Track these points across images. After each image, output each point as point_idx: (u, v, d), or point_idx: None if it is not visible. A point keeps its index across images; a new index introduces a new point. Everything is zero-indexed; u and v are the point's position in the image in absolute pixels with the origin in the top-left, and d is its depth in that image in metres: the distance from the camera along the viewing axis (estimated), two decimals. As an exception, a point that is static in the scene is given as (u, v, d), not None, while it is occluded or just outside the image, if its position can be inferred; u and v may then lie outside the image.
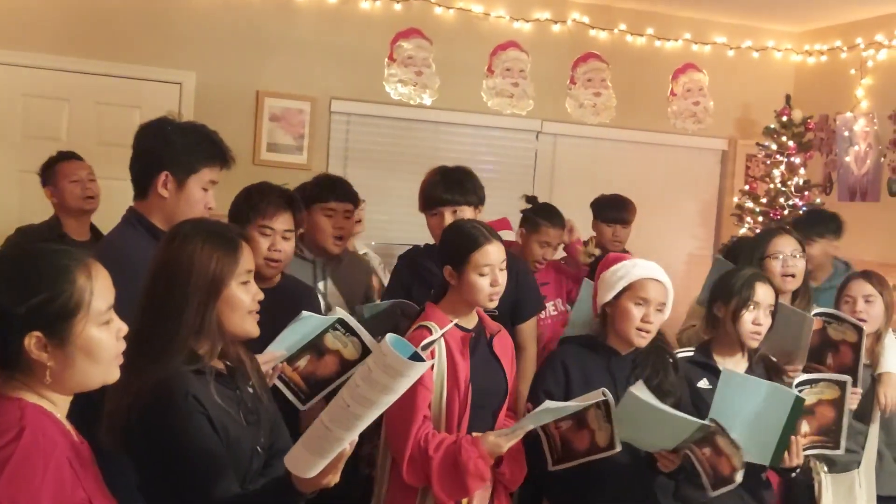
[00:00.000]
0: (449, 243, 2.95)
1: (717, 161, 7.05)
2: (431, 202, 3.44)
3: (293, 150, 5.99)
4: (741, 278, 3.20)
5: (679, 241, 6.76)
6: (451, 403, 2.78)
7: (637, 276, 2.98)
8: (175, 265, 2.07)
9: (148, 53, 5.66)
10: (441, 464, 2.68)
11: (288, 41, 5.93)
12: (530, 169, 6.58)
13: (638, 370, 2.99)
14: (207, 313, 2.06)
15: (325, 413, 1.80)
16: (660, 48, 6.72)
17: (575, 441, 2.80)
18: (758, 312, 3.15)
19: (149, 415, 1.97)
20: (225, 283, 2.09)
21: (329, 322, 2.82)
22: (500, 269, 2.84)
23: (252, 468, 2.10)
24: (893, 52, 6.14)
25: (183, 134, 2.72)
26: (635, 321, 2.95)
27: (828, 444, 3.14)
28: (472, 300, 2.85)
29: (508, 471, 2.85)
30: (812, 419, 3.11)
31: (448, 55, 6.19)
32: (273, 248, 3.06)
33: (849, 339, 3.36)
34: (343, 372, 2.84)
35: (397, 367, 1.72)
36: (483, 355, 2.90)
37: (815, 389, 3.11)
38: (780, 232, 3.80)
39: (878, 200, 6.14)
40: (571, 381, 2.98)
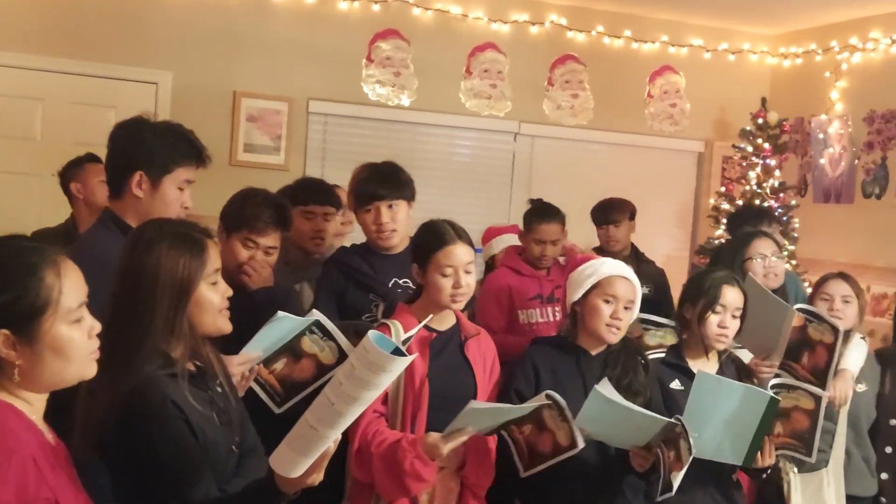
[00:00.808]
0: (418, 241, 2.96)
1: (694, 163, 7.10)
2: (365, 198, 3.35)
3: (270, 151, 5.97)
4: (710, 280, 3.22)
5: (656, 242, 6.77)
6: (405, 401, 2.78)
7: (605, 273, 3.00)
8: (140, 271, 2.04)
9: (124, 53, 5.62)
10: (380, 461, 2.68)
11: (265, 41, 5.91)
12: (508, 170, 6.59)
13: (608, 370, 3.00)
14: (178, 318, 2.04)
15: (309, 412, 1.80)
16: (637, 50, 6.75)
17: (539, 445, 2.80)
18: (724, 315, 3.15)
19: (126, 422, 1.95)
20: (193, 287, 2.07)
21: (306, 324, 2.80)
22: (465, 270, 2.83)
23: (228, 468, 2.09)
24: (867, 55, 6.20)
25: (157, 133, 2.70)
26: (605, 318, 2.97)
27: (800, 448, 3.16)
28: (436, 300, 2.84)
29: (472, 474, 2.83)
30: (787, 422, 3.12)
31: (426, 56, 6.19)
32: (252, 260, 3.05)
33: (826, 341, 3.38)
34: (320, 376, 2.82)
35: (380, 363, 1.73)
36: (450, 357, 2.89)
37: (791, 395, 3.12)
38: (758, 235, 3.88)
39: (852, 202, 6.20)
40: (541, 381, 2.99)
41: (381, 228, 3.31)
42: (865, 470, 3.69)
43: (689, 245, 6.99)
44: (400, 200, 3.35)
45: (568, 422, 2.73)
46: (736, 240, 4.05)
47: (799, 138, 6.69)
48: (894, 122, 5.92)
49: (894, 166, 5.91)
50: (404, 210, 3.35)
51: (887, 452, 3.68)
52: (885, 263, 5.80)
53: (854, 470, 3.64)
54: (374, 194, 3.34)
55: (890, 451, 3.68)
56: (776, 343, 3.35)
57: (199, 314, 2.09)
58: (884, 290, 5.80)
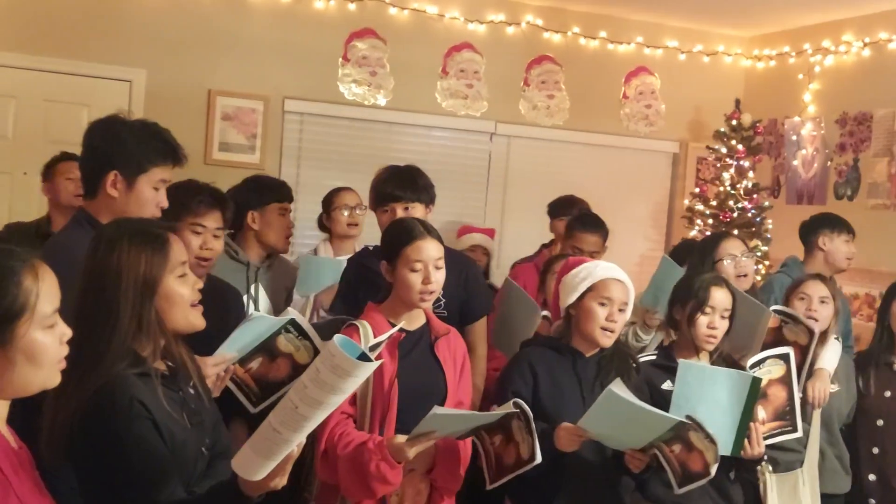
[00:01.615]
0: (386, 238, 2.95)
1: (669, 163, 7.14)
2: (383, 198, 3.41)
3: (246, 150, 5.94)
4: (699, 282, 3.25)
5: (631, 242, 6.82)
6: (374, 402, 2.76)
7: (600, 276, 3.00)
8: (103, 272, 2.03)
9: (97, 50, 5.57)
10: (346, 463, 2.65)
11: (240, 40, 5.88)
12: (484, 170, 6.60)
13: (602, 373, 3.01)
14: (144, 314, 2.02)
15: (272, 415, 1.78)
16: (612, 51, 6.78)
17: (504, 456, 2.78)
18: (713, 316, 3.18)
19: (92, 422, 1.93)
20: (158, 282, 2.05)
21: (281, 323, 2.79)
22: (434, 266, 2.80)
23: (197, 470, 2.07)
24: (840, 57, 6.26)
25: (133, 132, 2.67)
26: (600, 321, 2.97)
27: (786, 427, 3.17)
28: (405, 297, 2.82)
29: (441, 477, 2.81)
30: (766, 403, 3.13)
31: (402, 56, 6.18)
32: (204, 247, 3.03)
33: (800, 342, 3.41)
34: (295, 376, 2.80)
35: (345, 368, 1.71)
36: (420, 357, 2.87)
37: (762, 370, 3.14)
38: (727, 235, 3.93)
39: (824, 203, 6.25)
40: (539, 382, 2.99)
41: None
42: (839, 468, 3.73)
43: (664, 245, 7.01)
44: (416, 203, 3.39)
45: (532, 434, 2.70)
46: (705, 242, 4.08)
47: (772, 140, 6.74)
48: (866, 124, 5.98)
49: (866, 168, 5.97)
50: (420, 213, 3.37)
51: (874, 453, 3.72)
52: (856, 264, 5.83)
53: (828, 468, 3.68)
54: (391, 195, 3.38)
55: (877, 451, 3.72)
56: (751, 344, 3.37)
57: (168, 309, 2.08)
58: (856, 291, 5.86)
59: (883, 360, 3.77)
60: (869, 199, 5.92)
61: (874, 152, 5.91)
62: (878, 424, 3.72)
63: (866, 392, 3.76)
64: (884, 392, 3.72)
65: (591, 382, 2.99)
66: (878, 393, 3.73)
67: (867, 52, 6.04)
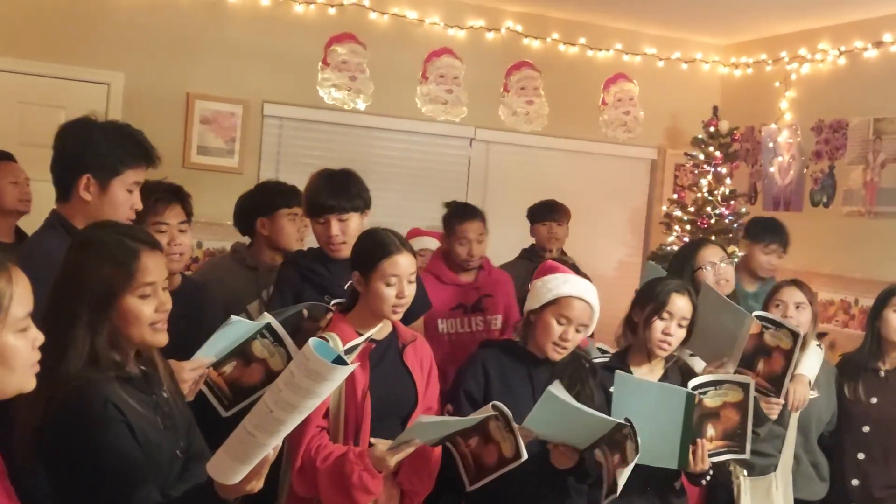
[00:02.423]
0: (360, 249, 2.92)
1: (647, 170, 7.17)
2: (317, 210, 3.33)
3: (224, 154, 5.91)
4: (662, 286, 3.24)
5: (609, 248, 6.85)
6: (347, 413, 2.74)
7: (565, 293, 2.99)
8: (69, 274, 2.02)
9: (74, 53, 5.54)
10: (327, 475, 2.65)
11: (219, 43, 5.86)
12: (464, 175, 6.60)
13: (555, 378, 3.01)
14: (99, 326, 1.99)
15: (247, 419, 1.78)
16: (591, 58, 6.80)
17: (484, 456, 2.79)
18: (669, 323, 3.17)
19: (65, 425, 1.92)
20: (116, 298, 2.01)
21: (257, 327, 2.78)
22: (408, 280, 2.80)
23: (171, 473, 2.07)
24: (816, 65, 6.32)
25: (105, 134, 2.64)
26: (553, 336, 2.98)
27: (734, 448, 3.14)
28: (376, 310, 2.81)
29: (408, 481, 2.81)
30: (717, 423, 3.11)
31: (382, 61, 6.18)
32: (173, 243, 3.01)
33: (783, 346, 3.39)
34: (268, 382, 2.78)
35: (320, 372, 1.71)
36: (390, 365, 2.87)
37: (719, 391, 3.12)
38: (706, 243, 3.93)
39: (800, 210, 6.30)
40: (491, 384, 3.00)
41: (331, 241, 3.28)
42: (814, 475, 3.75)
43: (642, 251, 7.05)
44: (351, 213, 3.30)
45: (513, 433, 2.72)
46: (683, 249, 4.10)
47: (749, 147, 6.79)
48: (842, 132, 6.04)
49: (841, 175, 6.03)
50: (356, 221, 3.31)
51: (860, 459, 3.74)
52: (832, 271, 5.92)
53: (802, 474, 3.70)
54: (325, 206, 3.30)
55: (863, 457, 3.74)
56: (731, 351, 3.36)
57: (125, 326, 2.04)
58: (831, 297, 5.91)
59: (871, 366, 3.80)
60: (844, 207, 5.98)
61: (849, 160, 5.96)
62: (865, 431, 3.74)
63: (853, 398, 3.77)
64: (871, 398, 3.75)
65: (543, 387, 2.99)
66: (865, 399, 3.75)
67: (843, 61, 6.10)
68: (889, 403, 3.72)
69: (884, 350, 3.78)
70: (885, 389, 3.74)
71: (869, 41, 5.88)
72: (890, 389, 3.74)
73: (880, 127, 5.73)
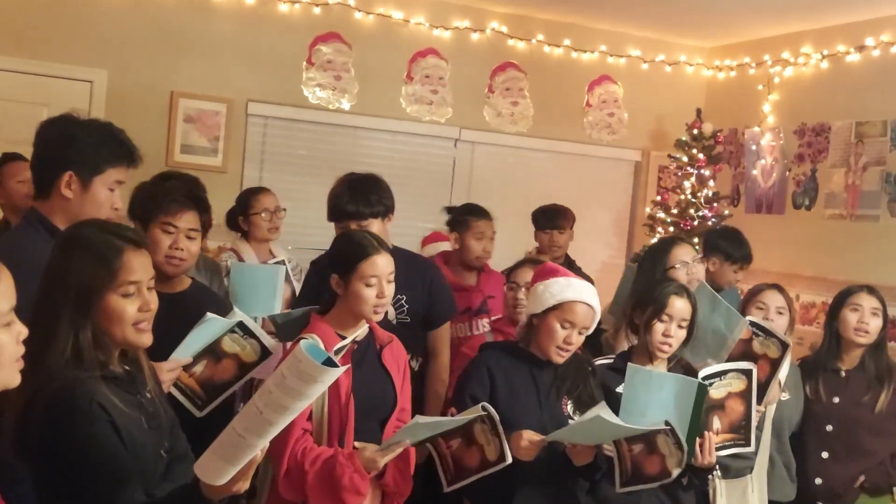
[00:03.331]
0: (337, 252, 2.92)
1: (631, 172, 7.20)
2: (338, 215, 3.38)
3: (208, 153, 5.89)
4: (661, 288, 3.28)
5: (593, 250, 6.87)
6: (331, 416, 2.74)
7: (568, 298, 3.00)
8: (53, 271, 2.01)
9: (58, 50, 5.51)
10: (316, 478, 2.64)
11: (204, 42, 5.84)
12: (448, 176, 6.61)
13: (557, 381, 3.04)
14: (81, 324, 1.98)
15: (236, 420, 1.78)
16: (576, 59, 6.82)
17: (466, 458, 2.80)
18: (670, 324, 3.20)
19: (50, 424, 1.91)
20: (96, 296, 2.00)
21: (230, 325, 2.77)
22: (387, 280, 2.80)
23: (156, 473, 2.06)
24: (799, 69, 6.36)
25: (88, 132, 2.62)
26: (557, 340, 2.99)
27: (739, 441, 3.18)
28: (357, 311, 2.81)
29: (392, 482, 2.82)
30: (723, 415, 3.15)
31: (367, 60, 6.18)
32: (175, 247, 2.91)
33: (770, 355, 3.41)
34: (242, 375, 2.80)
35: (312, 373, 1.71)
36: (370, 367, 2.87)
37: (723, 382, 3.15)
38: (677, 242, 3.94)
39: (783, 213, 6.34)
40: (497, 387, 3.00)
41: None
42: (786, 476, 3.78)
43: (625, 252, 7.08)
44: (371, 220, 3.34)
45: (499, 436, 2.73)
46: (656, 248, 4.10)
47: (732, 149, 6.83)
48: (824, 135, 6.08)
49: (824, 178, 6.07)
50: (377, 227, 3.32)
51: (823, 458, 3.77)
52: (814, 273, 5.95)
53: (776, 476, 3.73)
54: (345, 212, 3.34)
55: (826, 456, 3.77)
56: (718, 353, 3.38)
57: (107, 325, 2.03)
58: (812, 299, 5.95)
59: (831, 366, 3.83)
60: (826, 209, 6.02)
61: (831, 163, 6.00)
62: (828, 430, 3.77)
63: (815, 398, 3.81)
64: (833, 398, 3.78)
65: (547, 389, 3.01)
66: (827, 399, 3.78)
67: (825, 65, 6.14)
68: (850, 403, 3.76)
69: (843, 350, 3.82)
70: (845, 389, 3.78)
71: (851, 45, 5.92)
72: (851, 389, 3.77)
73: (862, 130, 5.78)
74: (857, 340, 3.76)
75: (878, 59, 5.75)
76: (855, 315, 3.75)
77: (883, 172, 5.60)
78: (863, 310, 3.75)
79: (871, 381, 3.76)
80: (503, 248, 5.42)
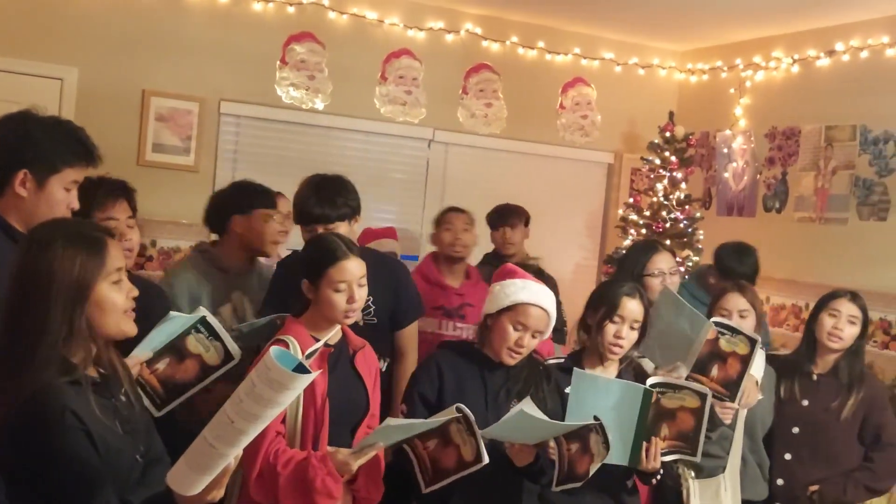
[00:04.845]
0: (307, 257, 2.91)
1: (604, 174, 7.23)
2: (305, 218, 3.36)
3: (180, 152, 5.84)
4: (614, 289, 3.28)
5: (566, 251, 6.89)
6: (306, 419, 2.73)
7: (521, 300, 3.00)
8: (34, 273, 1.97)
9: (27, 47, 5.43)
10: (289, 481, 2.63)
11: (176, 40, 5.79)
12: (422, 177, 6.60)
13: (510, 382, 3.04)
14: (75, 319, 1.97)
15: (207, 430, 1.76)
16: (550, 62, 6.84)
17: (443, 459, 2.80)
18: (622, 326, 3.20)
19: (22, 433, 1.88)
20: (91, 287, 2.00)
21: (192, 321, 2.75)
22: (358, 284, 2.79)
23: (132, 478, 2.04)
24: (770, 73, 6.42)
25: (46, 130, 2.57)
26: (509, 342, 2.99)
27: (685, 449, 3.18)
28: (328, 316, 2.81)
29: (364, 487, 2.82)
30: (672, 423, 3.15)
31: (341, 60, 6.16)
32: (123, 239, 2.94)
33: (739, 352, 3.43)
34: (204, 377, 2.77)
35: (282, 381, 1.70)
36: (344, 371, 2.86)
37: (677, 395, 3.15)
38: (657, 249, 3.94)
39: (753, 216, 6.40)
40: (445, 387, 3.01)
41: None
42: (759, 475, 3.81)
43: (598, 254, 7.11)
44: (338, 222, 3.32)
45: (475, 436, 2.74)
46: (635, 253, 4.10)
47: (704, 152, 6.87)
48: (794, 138, 6.14)
49: (794, 182, 6.13)
50: (344, 229, 3.32)
51: (787, 459, 3.79)
52: (784, 276, 6.01)
53: (749, 475, 3.76)
54: (311, 216, 3.32)
55: (790, 457, 3.80)
56: (686, 355, 3.39)
57: (100, 315, 2.02)
58: (782, 301, 6.01)
59: (804, 369, 3.86)
60: (796, 212, 6.08)
61: (801, 166, 6.06)
62: (794, 432, 3.80)
63: (788, 399, 3.83)
64: (802, 400, 3.81)
65: (496, 390, 3.01)
66: (797, 401, 3.81)
67: (796, 69, 6.20)
68: (818, 406, 3.79)
69: (817, 353, 3.85)
70: (815, 392, 3.81)
71: (821, 50, 5.98)
72: (820, 392, 3.80)
73: (831, 135, 5.84)
74: (828, 345, 3.79)
75: (848, 63, 5.82)
76: (831, 320, 3.78)
77: (852, 176, 5.67)
78: (840, 316, 3.77)
79: (841, 387, 3.79)
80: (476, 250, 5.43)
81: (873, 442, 3.78)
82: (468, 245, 4.42)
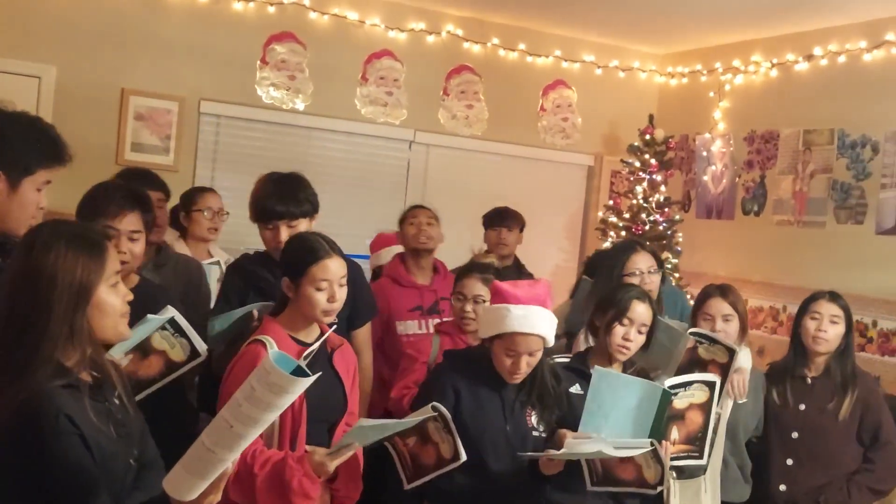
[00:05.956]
0: (289, 255, 2.89)
1: (584, 176, 7.25)
2: (267, 215, 3.30)
3: (159, 151, 5.81)
4: (623, 292, 3.30)
5: (546, 253, 6.90)
6: (283, 419, 2.71)
7: (511, 329, 2.93)
8: (36, 275, 1.94)
9: (4, 44, 5.39)
10: (266, 481, 2.61)
11: (156, 39, 5.76)
12: (403, 178, 6.60)
13: (522, 395, 3.04)
14: (76, 322, 1.95)
15: (205, 434, 1.76)
16: (531, 64, 6.86)
17: (422, 456, 2.81)
18: (630, 329, 3.22)
19: (16, 437, 1.86)
20: (93, 289, 1.98)
21: (162, 321, 2.76)
22: (339, 284, 2.79)
23: (126, 482, 2.02)
24: (749, 77, 6.46)
25: (18, 131, 2.52)
26: (506, 367, 2.98)
27: (693, 452, 3.22)
28: (308, 314, 2.79)
29: (343, 487, 2.81)
30: (682, 425, 3.18)
31: (322, 61, 6.15)
32: (116, 249, 2.91)
33: (719, 360, 3.45)
34: (168, 373, 2.77)
35: (282, 385, 1.70)
36: (321, 370, 2.84)
37: (687, 392, 3.18)
38: (636, 249, 3.94)
39: (732, 218, 6.43)
40: (462, 400, 2.99)
41: (280, 247, 3.25)
42: (740, 477, 3.81)
43: (578, 256, 7.13)
44: (300, 219, 3.29)
45: (452, 434, 2.74)
46: (614, 253, 4.10)
47: (684, 155, 6.91)
48: (773, 142, 6.18)
49: (772, 185, 6.17)
50: (305, 226, 3.29)
51: (788, 464, 3.80)
52: (762, 278, 6.05)
53: (730, 477, 3.76)
54: (274, 212, 3.27)
55: (791, 463, 3.80)
56: (667, 365, 3.42)
57: (99, 318, 2.01)
58: (760, 304, 6.04)
59: (797, 373, 3.87)
60: (774, 215, 6.12)
61: (780, 170, 6.11)
62: (794, 437, 3.80)
63: (783, 404, 3.84)
64: (799, 405, 3.82)
65: (511, 402, 3.02)
66: (793, 406, 3.82)
67: (775, 73, 6.24)
68: (816, 410, 3.79)
69: (808, 357, 3.86)
70: (811, 396, 3.81)
71: (800, 54, 6.03)
72: (816, 396, 3.81)
73: (810, 138, 5.88)
74: (815, 348, 3.80)
75: (826, 68, 5.86)
76: (814, 323, 3.79)
77: (829, 180, 5.71)
78: (822, 318, 3.78)
79: (835, 388, 3.78)
80: (458, 251, 5.41)
81: (872, 441, 3.79)
82: (433, 237, 4.41)
